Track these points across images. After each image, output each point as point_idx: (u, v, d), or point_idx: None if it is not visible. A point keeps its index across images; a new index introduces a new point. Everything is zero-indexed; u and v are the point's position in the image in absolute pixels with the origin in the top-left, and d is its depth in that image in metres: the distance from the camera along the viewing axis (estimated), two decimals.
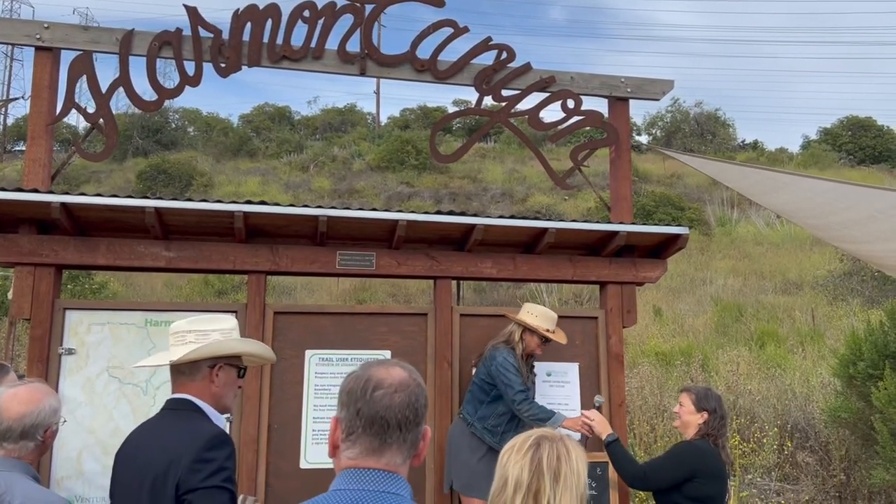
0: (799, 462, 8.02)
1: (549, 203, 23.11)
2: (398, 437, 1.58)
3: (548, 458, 1.87)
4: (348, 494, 1.53)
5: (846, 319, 12.85)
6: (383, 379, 1.61)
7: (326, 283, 15.28)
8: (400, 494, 1.54)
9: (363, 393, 1.60)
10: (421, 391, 1.62)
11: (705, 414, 3.70)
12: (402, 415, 1.58)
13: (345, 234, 4.52)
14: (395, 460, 1.57)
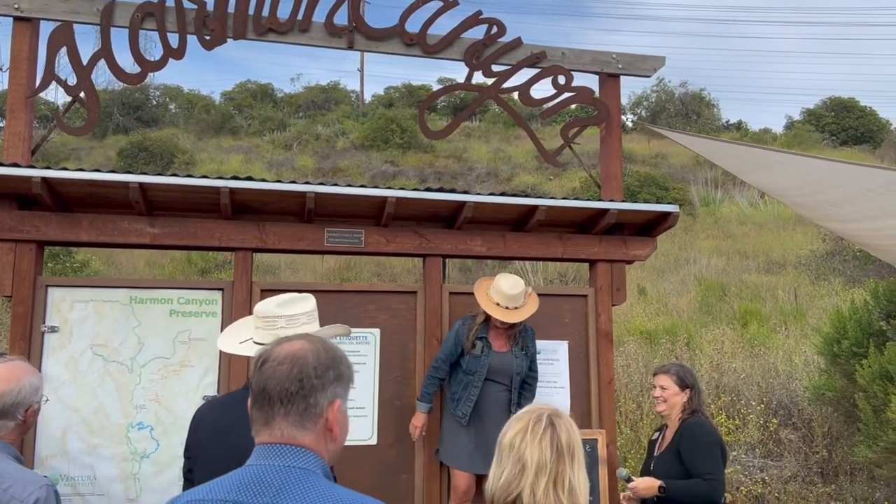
0: (782, 439, 8.10)
1: (535, 183, 23.07)
2: (281, 410, 1.52)
3: (565, 439, 1.88)
4: (252, 470, 1.50)
5: (828, 299, 12.96)
6: (272, 353, 1.57)
7: (310, 262, 15.17)
8: (308, 469, 1.50)
9: (255, 368, 1.58)
10: (315, 361, 1.56)
11: (688, 391, 3.67)
12: (283, 386, 1.53)
13: (332, 212, 4.46)
14: (288, 432, 1.52)
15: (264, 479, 1.47)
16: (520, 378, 4.30)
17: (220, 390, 4.16)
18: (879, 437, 5.56)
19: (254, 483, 1.47)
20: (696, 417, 3.65)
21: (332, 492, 1.47)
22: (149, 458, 4.05)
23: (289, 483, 1.46)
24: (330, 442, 1.58)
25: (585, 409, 4.66)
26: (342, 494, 1.48)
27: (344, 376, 1.61)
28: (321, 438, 1.55)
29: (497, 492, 1.88)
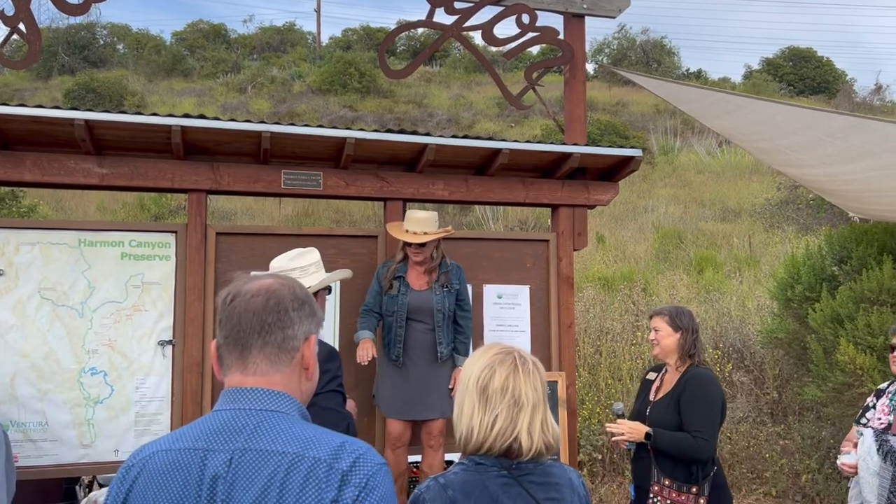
0: (735, 381, 8.33)
1: (496, 130, 22.91)
2: (258, 342, 1.44)
3: (545, 378, 1.91)
4: (221, 415, 1.41)
5: (781, 246, 13.24)
6: (243, 288, 1.48)
7: (268, 208, 14.92)
8: (282, 412, 1.42)
9: (223, 304, 1.49)
10: (291, 294, 1.48)
11: (681, 332, 3.50)
12: (259, 317, 1.44)
13: (290, 153, 4.33)
14: (263, 368, 1.44)
15: (236, 424, 1.39)
16: (444, 316, 4.19)
17: (175, 335, 4.07)
18: (828, 378, 5.73)
19: (225, 429, 1.39)
20: (704, 370, 3.46)
21: (307, 432, 1.39)
22: (102, 404, 3.96)
23: (263, 426, 1.38)
24: (305, 381, 1.51)
25: (546, 352, 4.69)
26: (319, 434, 1.40)
27: (317, 314, 1.53)
28: (295, 377, 1.48)
29: (491, 439, 1.84)
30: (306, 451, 1.35)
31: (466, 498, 1.82)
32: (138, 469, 1.41)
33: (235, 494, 1.32)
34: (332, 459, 1.35)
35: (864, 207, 6.01)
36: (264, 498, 1.31)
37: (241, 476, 1.33)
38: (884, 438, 3.16)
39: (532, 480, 1.87)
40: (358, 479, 1.34)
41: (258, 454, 1.35)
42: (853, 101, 27.23)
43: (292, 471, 1.33)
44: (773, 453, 7.29)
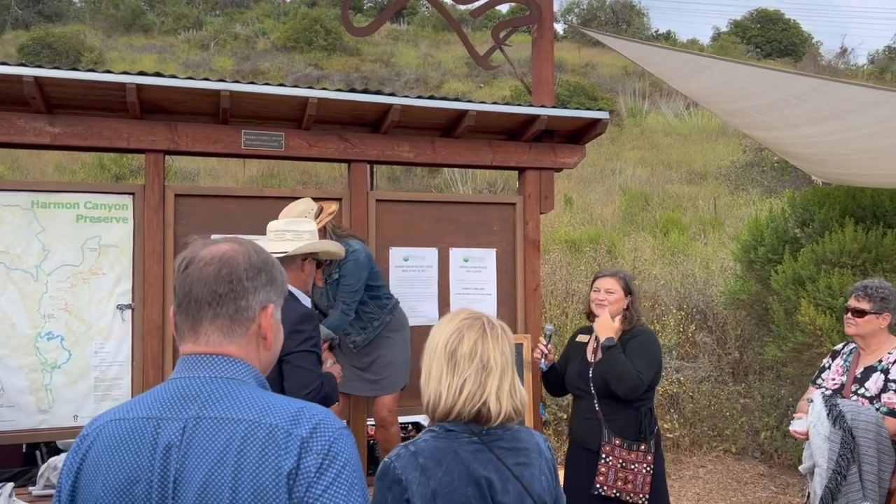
0: (698, 342, 8.48)
1: (465, 90, 22.69)
2: (209, 313, 1.39)
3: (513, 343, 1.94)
4: (175, 384, 1.37)
5: (745, 208, 13.41)
6: (197, 255, 1.42)
7: (232, 169, 14.66)
8: (238, 379, 1.37)
9: (177, 271, 1.44)
10: (246, 262, 1.42)
11: (630, 296, 3.61)
12: (211, 288, 1.39)
13: (250, 113, 4.21)
14: (215, 339, 1.39)
15: (190, 392, 1.35)
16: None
17: (134, 299, 3.98)
18: (788, 338, 5.84)
19: (178, 397, 1.35)
20: (648, 329, 3.62)
21: (264, 399, 1.35)
22: (60, 369, 3.87)
23: (217, 394, 1.34)
24: (263, 350, 1.45)
25: (512, 315, 4.69)
26: (276, 401, 1.36)
27: (277, 281, 1.47)
28: (252, 346, 1.43)
29: (460, 403, 1.83)
30: (263, 418, 1.31)
31: (437, 465, 1.81)
32: (92, 438, 1.37)
33: (189, 464, 1.28)
34: (291, 426, 1.31)
35: (827, 171, 6.07)
36: (220, 467, 1.27)
37: (195, 445, 1.29)
38: (833, 403, 3.21)
39: (502, 446, 1.88)
40: (319, 445, 1.30)
41: (213, 422, 1.31)
42: (818, 64, 27.46)
43: (249, 439, 1.28)
44: (733, 412, 7.46)
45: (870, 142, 4.64)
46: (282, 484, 1.26)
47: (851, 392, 3.35)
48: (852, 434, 3.10)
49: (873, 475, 3.08)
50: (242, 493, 1.25)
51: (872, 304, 3.34)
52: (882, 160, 5.03)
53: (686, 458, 7.11)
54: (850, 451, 3.08)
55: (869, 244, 5.69)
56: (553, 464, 1.99)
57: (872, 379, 3.32)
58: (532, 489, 1.88)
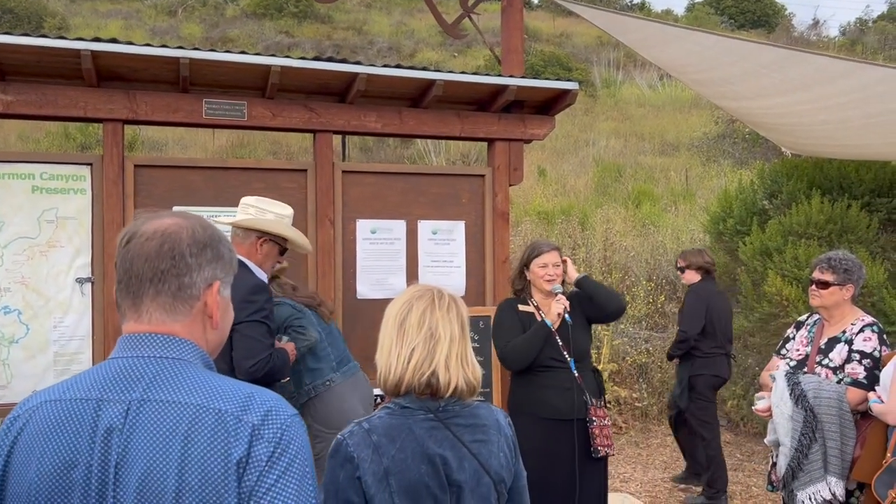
0: (667, 312, 8.55)
1: (438, 59, 22.45)
2: (150, 290, 1.32)
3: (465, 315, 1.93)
4: (117, 363, 1.31)
5: (716, 180, 13.49)
6: (139, 230, 1.36)
7: (200, 139, 14.39)
8: (183, 359, 1.32)
9: (119, 246, 1.37)
10: (190, 238, 1.36)
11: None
12: (152, 264, 1.32)
13: (212, 81, 4.10)
14: (158, 317, 1.33)
15: (132, 373, 1.28)
16: None
17: (94, 273, 3.89)
18: (755, 309, 5.90)
19: (120, 377, 1.28)
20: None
21: (212, 382, 1.29)
22: (18, 344, 3.78)
23: (161, 375, 1.28)
24: (210, 330, 1.39)
25: (480, 287, 4.67)
26: (225, 384, 1.30)
27: (224, 258, 1.41)
28: (197, 325, 1.36)
29: (409, 373, 1.82)
30: (211, 402, 1.25)
31: (391, 442, 1.79)
32: (24, 420, 1.30)
33: (133, 448, 1.22)
34: (241, 412, 1.25)
35: (796, 141, 6.10)
36: (165, 453, 1.21)
37: (139, 429, 1.23)
38: (795, 381, 3.24)
39: (459, 423, 1.86)
40: (271, 433, 1.25)
41: (158, 405, 1.25)
42: (791, 36, 27.56)
43: (196, 424, 1.23)
44: None
45: (838, 112, 4.66)
46: (231, 472, 1.21)
47: (815, 363, 3.38)
48: (814, 413, 3.13)
49: (837, 450, 3.13)
50: (189, 480, 1.20)
51: (836, 276, 3.36)
52: (849, 131, 5.06)
53: (654, 426, 7.20)
54: (812, 430, 3.12)
55: (835, 216, 5.75)
56: (513, 440, 1.97)
57: (836, 350, 3.35)
58: (489, 466, 1.86)
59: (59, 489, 1.23)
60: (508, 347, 3.56)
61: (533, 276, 3.69)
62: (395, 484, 1.76)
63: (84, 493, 1.22)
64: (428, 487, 1.78)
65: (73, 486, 1.23)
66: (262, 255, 3.21)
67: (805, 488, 3.14)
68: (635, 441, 6.84)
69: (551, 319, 3.55)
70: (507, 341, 3.58)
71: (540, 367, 3.54)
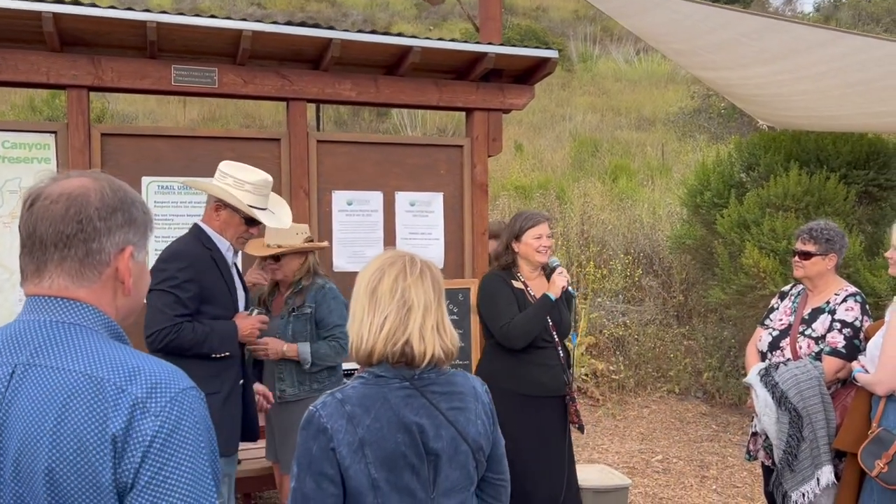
0: (644, 286, 8.57)
1: (414, 32, 22.14)
2: (55, 256, 1.25)
3: (441, 282, 1.87)
4: (13, 327, 1.24)
5: (692, 154, 13.50)
6: (44, 191, 1.27)
7: (171, 112, 14.10)
8: (79, 324, 1.24)
9: (22, 208, 1.29)
10: (98, 201, 1.28)
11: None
12: (57, 228, 1.24)
13: (181, 47, 3.97)
14: (61, 283, 1.26)
15: (23, 337, 1.22)
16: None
17: None
18: (732, 281, 5.91)
19: (12, 340, 1.22)
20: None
21: (102, 350, 1.21)
22: None
23: (52, 340, 1.21)
24: (122, 296, 1.32)
25: (459, 259, 4.61)
26: (116, 353, 1.21)
27: (137, 221, 1.33)
28: (107, 292, 1.29)
29: (381, 342, 1.76)
30: (94, 370, 1.17)
31: (366, 412, 1.73)
32: None
33: (13, 414, 1.16)
34: (125, 382, 1.17)
35: (774, 113, 6.08)
36: (40, 421, 1.14)
37: (20, 394, 1.17)
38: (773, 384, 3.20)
39: (435, 390, 1.82)
40: (158, 407, 1.16)
41: (42, 370, 1.18)
42: (766, 11, 27.64)
43: (75, 392, 1.15)
44: (677, 353, 7.60)
45: (818, 82, 4.64)
46: (106, 446, 1.13)
47: (798, 332, 3.38)
48: (798, 412, 3.13)
49: (826, 437, 3.14)
50: (62, 451, 1.12)
51: (818, 246, 3.34)
52: (829, 100, 5.05)
53: (631, 398, 7.23)
54: (799, 429, 3.12)
55: (812, 188, 5.75)
56: (491, 408, 1.93)
57: (819, 320, 3.34)
58: (467, 433, 1.83)
59: None
60: (513, 324, 3.35)
61: (526, 248, 3.47)
62: (370, 454, 1.72)
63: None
64: (405, 457, 1.74)
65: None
66: (221, 223, 3.03)
67: (798, 488, 3.16)
68: (612, 413, 6.87)
69: (554, 293, 3.39)
70: (508, 317, 3.37)
71: (530, 345, 3.43)
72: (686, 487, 5.28)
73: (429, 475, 1.79)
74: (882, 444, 2.79)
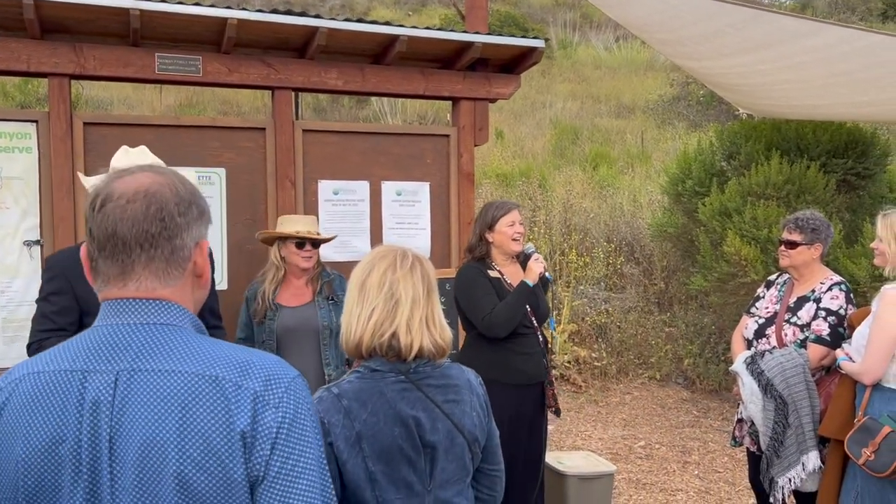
0: (625, 273, 8.64)
1: (393, 18, 22.01)
2: (142, 257, 1.22)
3: (432, 275, 1.88)
4: (103, 331, 1.21)
5: (671, 142, 13.59)
6: (115, 190, 1.24)
7: (148, 97, 13.90)
8: (174, 325, 1.23)
9: (92, 210, 1.25)
10: (174, 196, 1.26)
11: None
12: (141, 227, 1.21)
13: (164, 35, 3.91)
14: (149, 284, 1.24)
15: (120, 341, 1.19)
16: (331, 333, 3.54)
17: (42, 235, 3.71)
18: (714, 269, 5.97)
19: (106, 346, 1.19)
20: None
21: (206, 348, 1.21)
22: None
23: (152, 343, 1.19)
24: (198, 290, 1.32)
25: (446, 249, 4.61)
26: (220, 350, 1.21)
27: (206, 213, 1.33)
28: (187, 288, 1.28)
29: (368, 333, 1.78)
30: (207, 370, 1.17)
31: (362, 406, 1.76)
32: (6, 395, 1.20)
33: (126, 422, 1.14)
34: (240, 378, 1.18)
35: (755, 102, 6.13)
36: (162, 426, 1.13)
37: (130, 401, 1.15)
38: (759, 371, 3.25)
39: (430, 384, 1.84)
40: (276, 398, 1.18)
41: (150, 375, 1.16)
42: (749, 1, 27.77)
43: (194, 394, 1.15)
44: (658, 340, 7.68)
45: (800, 71, 4.68)
46: (235, 443, 1.14)
47: (784, 320, 3.43)
48: (784, 399, 3.18)
49: (811, 423, 3.19)
50: (190, 453, 1.12)
51: (804, 236, 3.39)
52: (811, 90, 5.10)
53: (613, 385, 7.30)
54: (785, 416, 3.17)
55: (793, 176, 5.82)
56: (485, 399, 1.96)
57: (805, 308, 3.40)
58: (463, 426, 1.85)
59: (48, 466, 1.15)
60: (495, 314, 3.36)
61: (500, 236, 3.50)
62: (368, 448, 1.74)
63: (75, 469, 1.14)
64: (402, 450, 1.77)
65: (62, 462, 1.15)
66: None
67: (784, 473, 3.22)
68: (595, 400, 6.94)
69: (531, 279, 3.41)
70: (489, 307, 3.38)
71: (512, 333, 3.44)
72: (669, 473, 5.36)
73: (425, 468, 1.81)
74: (868, 433, 2.85)
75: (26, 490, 1.14)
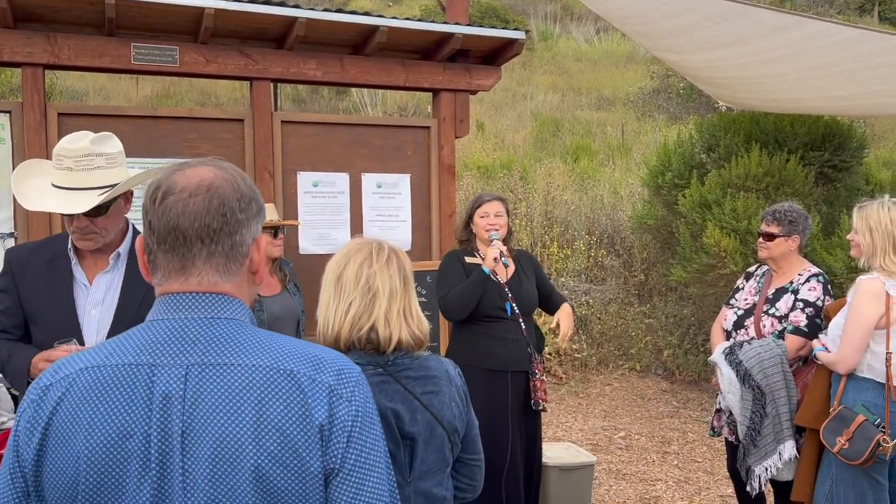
0: (606, 265, 8.68)
1: (373, 8, 21.88)
2: (203, 252, 1.22)
3: (408, 268, 1.88)
4: (164, 325, 1.20)
5: (652, 134, 13.65)
6: (176, 183, 1.23)
7: (124, 88, 13.72)
8: (234, 319, 1.23)
9: (152, 203, 1.23)
10: (236, 192, 1.25)
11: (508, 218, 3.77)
12: (203, 222, 1.21)
13: (140, 25, 3.86)
14: (210, 279, 1.23)
15: (186, 335, 1.18)
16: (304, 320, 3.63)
17: (17, 227, 3.65)
18: (694, 260, 6.01)
19: (173, 339, 1.18)
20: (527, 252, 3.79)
21: (273, 342, 1.21)
22: None
23: (221, 337, 1.19)
24: (252, 285, 1.32)
25: (426, 241, 4.60)
26: (287, 344, 1.23)
27: (263, 209, 1.33)
28: (244, 283, 1.28)
29: (346, 327, 1.77)
30: (281, 364, 1.17)
31: None
32: (62, 390, 1.17)
33: (199, 417, 1.13)
34: (314, 372, 1.18)
35: (735, 95, 6.17)
36: (237, 420, 1.12)
37: (203, 396, 1.14)
38: (737, 362, 3.28)
39: (409, 376, 1.85)
40: (349, 392, 1.20)
41: (222, 369, 1.16)
42: None
43: (270, 388, 1.15)
44: (638, 331, 7.73)
45: (779, 65, 4.72)
46: (313, 436, 1.14)
47: (763, 312, 3.46)
48: (762, 389, 3.21)
49: (788, 413, 3.23)
50: (268, 447, 1.12)
51: (781, 228, 3.42)
52: (787, 84, 5.14)
53: (593, 376, 7.35)
54: (762, 406, 3.21)
55: (773, 169, 5.87)
56: (464, 390, 1.97)
57: (783, 300, 3.43)
58: (442, 417, 1.86)
59: (114, 460, 1.12)
60: (448, 297, 3.51)
61: (475, 226, 3.69)
62: None
63: (143, 464, 1.12)
64: None
65: (129, 456, 1.12)
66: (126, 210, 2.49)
67: (761, 462, 3.25)
68: (575, 391, 6.97)
69: (488, 265, 3.48)
70: (447, 290, 3.54)
71: (486, 318, 3.52)
72: (648, 463, 5.40)
73: (405, 459, 1.81)
74: (843, 422, 2.89)
75: (87, 486, 1.12)
